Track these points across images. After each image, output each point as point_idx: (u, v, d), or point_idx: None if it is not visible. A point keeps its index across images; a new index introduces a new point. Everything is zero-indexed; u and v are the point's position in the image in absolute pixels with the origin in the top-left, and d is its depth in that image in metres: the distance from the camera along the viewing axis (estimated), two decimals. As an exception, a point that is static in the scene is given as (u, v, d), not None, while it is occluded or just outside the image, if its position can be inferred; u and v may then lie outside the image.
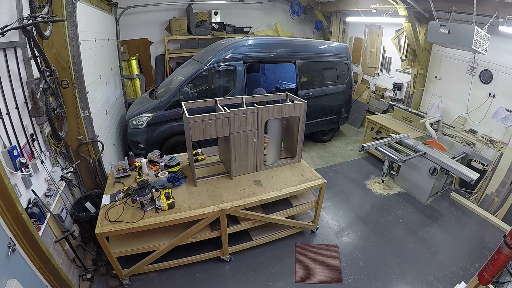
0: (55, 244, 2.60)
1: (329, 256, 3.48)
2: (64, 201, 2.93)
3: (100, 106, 4.09)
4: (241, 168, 3.43)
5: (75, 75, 3.10)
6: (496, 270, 1.98)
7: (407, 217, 4.26)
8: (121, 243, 2.88)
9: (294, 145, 3.72)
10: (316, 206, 3.56)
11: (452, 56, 5.33)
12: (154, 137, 4.72)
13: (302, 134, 3.61)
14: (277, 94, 3.88)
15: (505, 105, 4.58)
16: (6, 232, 1.93)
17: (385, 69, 7.00)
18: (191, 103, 3.44)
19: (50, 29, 2.71)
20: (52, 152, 2.86)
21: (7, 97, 2.19)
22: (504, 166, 4.32)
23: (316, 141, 6.54)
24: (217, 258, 3.33)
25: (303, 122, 3.51)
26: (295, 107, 3.37)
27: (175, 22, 6.92)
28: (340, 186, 4.98)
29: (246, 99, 3.61)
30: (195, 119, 2.93)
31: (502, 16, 3.99)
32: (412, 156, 4.40)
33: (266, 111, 3.22)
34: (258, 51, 5.10)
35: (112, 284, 3.03)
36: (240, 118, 3.11)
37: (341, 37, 8.09)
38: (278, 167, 3.67)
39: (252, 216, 3.18)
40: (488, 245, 3.76)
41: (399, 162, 4.30)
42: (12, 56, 2.31)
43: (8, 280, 1.76)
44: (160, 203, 2.82)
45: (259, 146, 3.38)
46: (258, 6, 7.90)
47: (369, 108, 7.39)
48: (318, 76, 5.70)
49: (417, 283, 3.18)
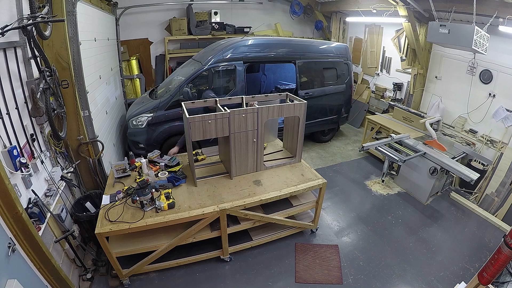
0: (55, 244, 2.60)
1: (329, 256, 3.48)
2: (64, 201, 2.93)
3: (100, 106, 4.09)
4: (241, 168, 3.43)
5: (75, 75, 3.10)
6: (496, 270, 1.98)
7: (407, 217, 4.26)
8: (121, 243, 2.88)
9: (294, 145, 3.72)
10: (316, 206, 3.56)
11: (452, 56, 5.33)
12: (154, 137, 4.72)
13: (302, 134, 3.60)
14: (277, 94, 3.88)
15: (505, 105, 4.58)
16: (6, 232, 1.93)
17: (385, 69, 7.00)
18: (191, 103, 3.44)
19: (50, 29, 2.71)
20: (52, 152, 2.86)
21: (7, 97, 2.19)
22: (504, 166, 4.32)
23: (316, 141, 6.55)
24: (217, 258, 3.33)
25: (303, 122, 3.50)
26: (295, 107, 3.37)
27: (175, 22, 6.92)
28: (340, 186, 4.98)
29: (246, 99, 3.61)
30: (195, 119, 2.93)
31: (502, 16, 3.99)
32: (412, 156, 4.40)
33: (266, 111, 3.21)
34: (258, 51, 5.10)
35: (112, 284, 3.03)
36: (240, 118, 3.11)
37: (341, 37, 8.09)
38: (278, 167, 3.67)
39: (252, 216, 3.18)
40: (488, 245, 3.76)
41: (399, 162, 4.30)
42: (12, 56, 2.31)
43: (8, 280, 1.76)
44: (160, 203, 2.82)
45: (259, 146, 3.37)
46: (258, 6, 7.90)
47: (369, 108, 7.38)
48: (318, 76, 5.70)
49: (417, 283, 3.18)
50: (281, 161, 3.76)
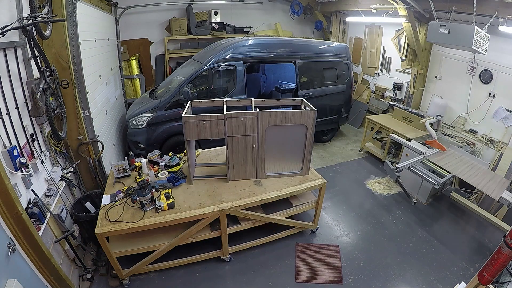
0: (55, 244, 2.60)
1: (329, 256, 3.48)
2: (64, 201, 2.93)
3: (100, 106, 4.09)
4: (239, 173, 3.34)
5: (75, 75, 3.10)
6: (496, 270, 1.98)
7: (407, 217, 4.26)
8: (121, 243, 2.88)
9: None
10: (316, 206, 3.56)
11: (452, 56, 5.33)
12: (154, 137, 4.72)
13: (310, 145, 3.33)
14: (291, 100, 3.61)
15: (505, 105, 4.58)
16: (6, 232, 1.93)
17: (385, 69, 7.00)
18: (198, 102, 3.41)
19: (50, 29, 2.71)
20: (52, 152, 2.86)
21: (7, 97, 2.19)
22: (504, 166, 4.32)
23: (316, 141, 6.50)
24: (217, 258, 3.33)
25: (312, 132, 3.22)
26: (302, 115, 3.11)
27: (175, 22, 6.92)
28: (340, 186, 4.98)
29: (255, 102, 3.46)
30: (189, 119, 2.92)
31: (502, 16, 3.99)
32: (447, 178, 4.08)
33: (267, 117, 3.05)
34: (258, 51, 5.10)
35: (112, 284, 3.03)
36: (238, 122, 3.02)
37: (341, 37, 8.09)
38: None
39: (252, 216, 3.17)
40: (488, 245, 3.76)
41: (436, 185, 3.93)
42: (12, 56, 2.31)
43: (8, 280, 1.76)
44: (160, 203, 2.82)
45: (259, 153, 3.26)
46: (258, 6, 7.90)
47: (369, 108, 7.39)
48: (318, 76, 5.70)
49: (417, 283, 3.18)
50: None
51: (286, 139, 3.28)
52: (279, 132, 3.21)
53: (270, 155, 3.35)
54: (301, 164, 3.47)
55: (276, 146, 3.31)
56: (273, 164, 3.42)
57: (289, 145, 3.34)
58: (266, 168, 3.41)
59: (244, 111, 3.10)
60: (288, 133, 3.25)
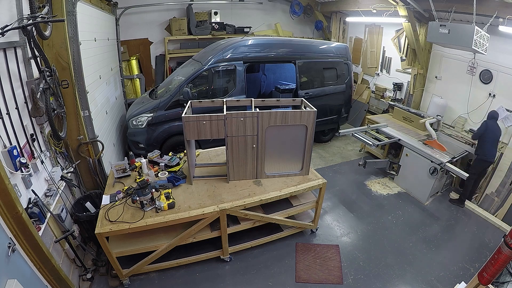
0: (55, 244, 2.60)
1: (329, 256, 3.48)
2: (64, 201, 2.93)
3: (100, 106, 4.09)
4: (239, 173, 3.35)
5: (75, 75, 3.10)
6: (496, 270, 1.98)
7: (407, 217, 4.26)
8: (121, 243, 2.88)
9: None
10: (316, 206, 3.56)
11: (452, 56, 5.33)
12: (154, 137, 4.72)
13: (310, 145, 3.35)
14: (291, 100, 3.65)
15: (505, 105, 4.57)
16: (6, 232, 1.93)
17: (385, 69, 7.00)
18: (198, 102, 3.41)
19: (50, 29, 2.71)
20: (52, 152, 2.86)
21: (7, 97, 2.19)
22: (504, 166, 4.32)
23: (316, 141, 6.52)
24: (217, 258, 3.33)
25: (312, 132, 3.24)
26: (301, 115, 3.12)
27: (175, 22, 6.92)
28: (340, 186, 4.98)
29: (255, 102, 3.47)
30: (189, 119, 2.92)
31: (502, 16, 3.99)
32: (385, 142, 5.00)
33: (267, 117, 3.06)
34: (258, 51, 5.10)
35: (112, 284, 3.03)
36: (238, 122, 3.03)
37: (341, 37, 8.09)
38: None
39: (252, 216, 3.17)
40: (488, 245, 3.76)
41: (372, 146, 4.85)
42: (12, 56, 2.31)
43: (8, 280, 1.76)
44: (160, 203, 2.82)
45: (259, 153, 3.27)
46: (258, 6, 7.90)
47: (369, 108, 7.38)
48: (318, 76, 5.70)
49: (417, 283, 3.18)
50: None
51: (286, 139, 3.29)
52: (279, 132, 3.22)
53: (270, 155, 3.35)
54: (301, 164, 3.47)
55: (276, 146, 3.31)
56: (273, 164, 3.42)
57: (289, 145, 3.34)
58: (266, 168, 3.41)
59: (244, 111, 3.10)
60: (288, 133, 3.26)
